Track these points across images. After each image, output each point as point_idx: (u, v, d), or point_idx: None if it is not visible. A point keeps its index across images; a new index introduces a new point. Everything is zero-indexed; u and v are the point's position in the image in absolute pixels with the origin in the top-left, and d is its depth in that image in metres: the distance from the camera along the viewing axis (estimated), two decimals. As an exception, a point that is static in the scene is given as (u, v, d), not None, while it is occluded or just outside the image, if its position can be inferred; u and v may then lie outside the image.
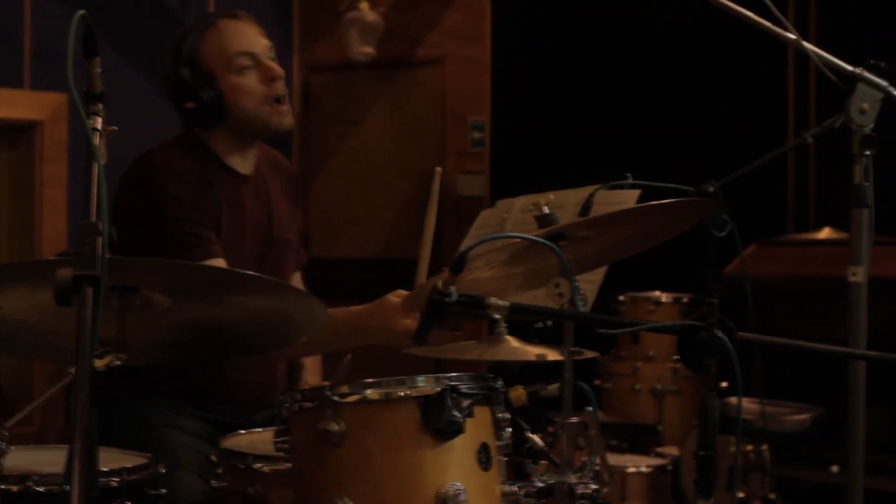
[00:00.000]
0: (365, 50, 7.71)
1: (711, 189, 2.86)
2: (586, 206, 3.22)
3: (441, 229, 3.55)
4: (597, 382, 6.12)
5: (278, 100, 3.52)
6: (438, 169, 3.46)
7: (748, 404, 4.23)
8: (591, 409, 2.86)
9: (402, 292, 3.30)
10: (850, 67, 3.02)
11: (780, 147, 5.29)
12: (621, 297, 6.11)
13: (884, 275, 3.72)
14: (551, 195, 3.19)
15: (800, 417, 5.31)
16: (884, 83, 3.00)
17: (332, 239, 8.06)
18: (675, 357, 5.93)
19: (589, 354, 3.02)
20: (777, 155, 3.22)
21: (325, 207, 8.09)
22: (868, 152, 3.00)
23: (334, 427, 2.51)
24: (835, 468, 5.19)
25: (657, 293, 6.08)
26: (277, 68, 3.54)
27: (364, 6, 7.71)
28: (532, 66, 7.42)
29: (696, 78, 6.75)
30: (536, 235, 2.80)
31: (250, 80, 3.51)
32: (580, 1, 7.20)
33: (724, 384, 3.10)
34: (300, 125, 8.09)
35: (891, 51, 3.33)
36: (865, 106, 2.98)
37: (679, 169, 3.20)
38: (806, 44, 3.08)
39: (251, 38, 3.56)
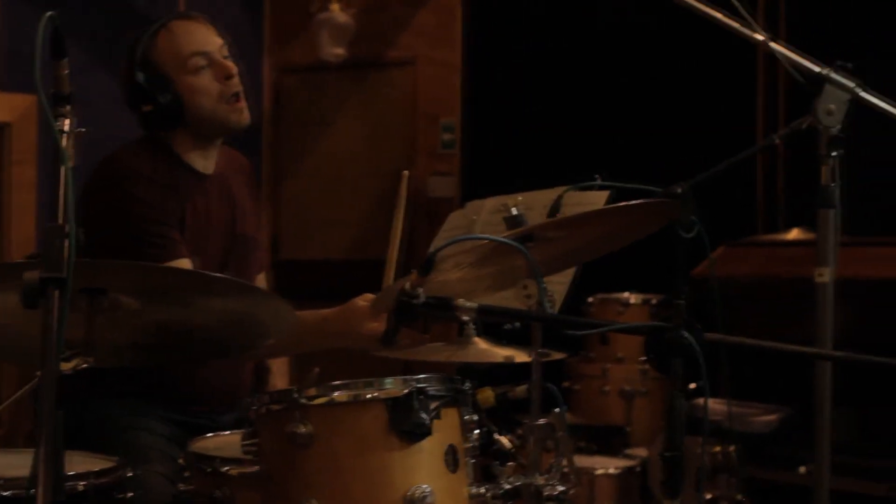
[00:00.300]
0: (336, 51, 7.71)
1: (679, 190, 2.87)
2: (555, 208, 3.22)
3: (411, 230, 3.56)
4: (566, 384, 6.12)
5: (235, 97, 3.53)
6: (406, 173, 3.46)
7: (716, 405, 4.24)
8: (559, 410, 2.86)
9: (370, 296, 3.30)
10: (817, 68, 3.03)
11: (749, 148, 5.30)
12: (590, 299, 6.11)
13: (851, 275, 3.74)
14: (520, 196, 3.19)
15: (768, 418, 5.32)
16: (851, 84, 3.01)
17: (303, 240, 8.05)
18: (643, 358, 5.94)
19: (557, 356, 3.02)
20: (745, 156, 3.23)
21: (296, 208, 8.08)
22: (835, 153, 3.00)
23: (302, 429, 2.51)
24: (802, 469, 5.21)
25: (626, 294, 6.09)
26: (232, 66, 3.55)
27: (335, 7, 7.71)
28: (503, 67, 7.43)
29: (667, 79, 6.77)
30: (505, 237, 2.80)
31: (205, 80, 3.52)
32: (551, 3, 7.21)
33: (693, 385, 3.11)
34: (271, 126, 8.09)
35: (861, 50, 3.34)
36: (833, 107, 2.99)
37: (650, 170, 3.21)
38: (774, 45, 3.09)
39: (203, 37, 3.56)
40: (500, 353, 2.87)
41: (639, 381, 5.99)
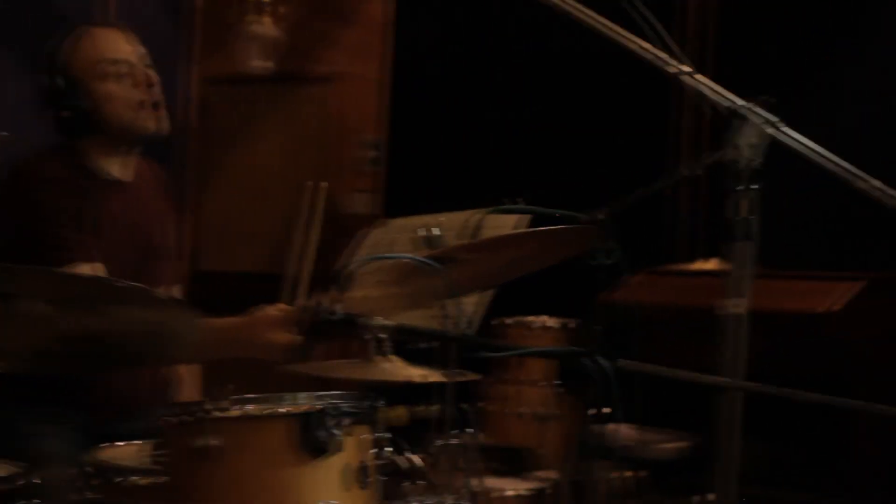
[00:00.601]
0: (263, 64, 7.68)
1: (600, 217, 2.88)
2: (475, 230, 3.23)
3: (331, 247, 3.55)
4: (479, 404, 6.11)
5: (154, 106, 3.53)
6: (322, 184, 3.47)
7: (627, 431, 4.25)
8: (469, 430, 2.87)
9: (279, 305, 3.29)
10: (740, 102, 3.05)
11: (672, 175, 5.33)
12: (507, 321, 6.10)
13: (765, 307, 3.77)
14: (441, 217, 3.20)
15: (676, 445, 5.35)
16: (773, 118, 3.03)
17: (223, 252, 8.00)
18: (556, 381, 5.94)
19: (471, 377, 3.03)
20: (666, 185, 3.25)
21: (217, 220, 8.03)
22: (754, 186, 3.03)
23: (210, 442, 2.49)
24: (710, 497, 5.23)
25: (543, 318, 6.08)
26: (152, 75, 3.56)
27: (264, 20, 7.68)
28: (430, 86, 7.43)
29: (595, 105, 6.79)
30: (424, 257, 2.80)
31: (123, 88, 3.52)
32: (480, 23, 7.23)
33: (606, 410, 3.12)
34: (195, 136, 8.04)
35: (789, 83, 3.36)
36: (753, 140, 3.01)
37: (573, 194, 3.22)
38: (697, 77, 3.10)
39: (124, 45, 3.57)
40: (415, 372, 2.88)
41: (552, 403, 5.97)
